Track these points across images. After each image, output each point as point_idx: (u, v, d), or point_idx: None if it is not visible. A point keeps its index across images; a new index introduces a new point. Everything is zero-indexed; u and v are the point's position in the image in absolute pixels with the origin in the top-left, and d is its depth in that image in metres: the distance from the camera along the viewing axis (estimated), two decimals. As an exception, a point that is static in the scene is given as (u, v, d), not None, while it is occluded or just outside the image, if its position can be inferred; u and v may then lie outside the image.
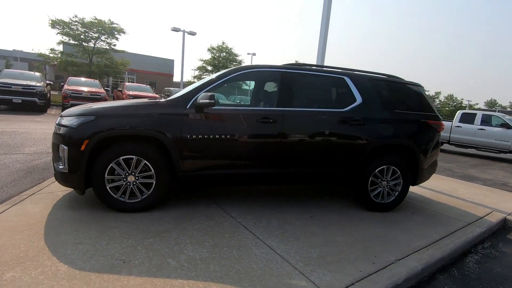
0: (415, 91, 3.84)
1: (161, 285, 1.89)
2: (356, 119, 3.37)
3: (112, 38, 21.90)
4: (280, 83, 3.27)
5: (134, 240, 2.41)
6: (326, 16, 6.96)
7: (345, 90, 3.48)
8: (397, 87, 3.80)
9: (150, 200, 2.96)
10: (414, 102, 3.81)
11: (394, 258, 2.53)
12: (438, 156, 3.98)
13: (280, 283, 2.03)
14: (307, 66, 3.60)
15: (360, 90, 3.49)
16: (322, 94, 3.56)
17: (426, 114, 3.76)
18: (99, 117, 2.82)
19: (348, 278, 2.17)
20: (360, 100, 3.47)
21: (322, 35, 7.09)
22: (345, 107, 3.41)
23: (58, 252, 2.15)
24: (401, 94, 3.82)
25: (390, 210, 3.68)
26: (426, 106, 3.83)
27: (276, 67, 3.36)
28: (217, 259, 2.25)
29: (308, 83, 3.45)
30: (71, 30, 20.37)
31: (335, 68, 3.58)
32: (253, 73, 3.34)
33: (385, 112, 3.54)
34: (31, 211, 2.80)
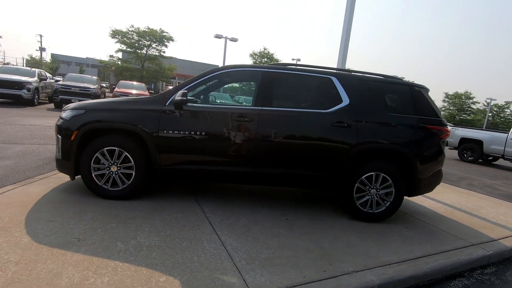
0: (415, 94, 3.50)
1: (97, 263, 2.04)
2: (339, 121, 3.20)
3: (162, 46, 23.79)
4: (259, 82, 3.27)
5: (99, 223, 2.63)
6: (348, 22, 6.73)
7: (331, 91, 3.33)
8: (393, 88, 3.51)
9: (129, 190, 3.18)
10: (413, 105, 3.47)
11: (351, 269, 2.35)
12: (442, 165, 3.56)
13: (210, 276, 2.04)
14: (293, 66, 3.53)
15: (348, 91, 3.31)
16: (305, 94, 3.46)
17: (426, 118, 3.40)
18: (87, 111, 3.14)
19: (285, 282, 2.08)
20: (347, 101, 3.29)
21: (343, 38, 6.86)
22: (329, 108, 3.27)
23: (30, 226, 2.44)
24: (398, 96, 3.53)
25: (379, 221, 3.39)
26: (427, 109, 3.46)
27: (258, 66, 3.37)
28: (163, 248, 2.35)
29: (290, 83, 3.39)
30: (128, 39, 22.63)
31: (323, 68, 3.45)
32: (234, 72, 3.40)
33: (376, 114, 3.30)
34: (32, 191, 3.22)
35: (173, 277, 1.99)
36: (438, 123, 3.42)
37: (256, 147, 3.17)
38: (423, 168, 3.34)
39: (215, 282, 1.99)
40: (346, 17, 6.77)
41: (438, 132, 3.39)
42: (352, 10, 6.75)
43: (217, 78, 3.39)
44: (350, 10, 6.73)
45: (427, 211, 4.10)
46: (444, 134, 3.42)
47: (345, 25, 6.79)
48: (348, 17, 6.73)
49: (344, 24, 6.83)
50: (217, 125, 3.17)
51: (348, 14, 6.73)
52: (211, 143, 3.15)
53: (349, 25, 6.76)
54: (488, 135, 10.90)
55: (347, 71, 3.50)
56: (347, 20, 6.74)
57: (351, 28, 6.81)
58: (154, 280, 1.94)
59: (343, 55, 6.89)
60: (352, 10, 6.78)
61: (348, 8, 6.74)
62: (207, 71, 3.35)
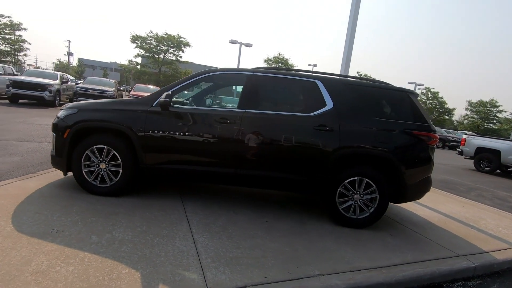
0: (403, 99, 3.44)
1: (68, 253, 2.16)
2: (322, 125, 3.20)
3: (179, 51, 24.48)
4: (244, 86, 3.33)
5: (82, 217, 2.76)
6: (352, 27, 6.70)
7: (315, 95, 3.34)
8: (380, 93, 3.47)
9: (116, 187, 3.31)
10: (400, 110, 3.41)
11: (318, 272, 2.34)
12: (430, 172, 3.46)
13: (172, 271, 2.10)
14: (279, 70, 3.57)
15: (332, 95, 3.31)
16: (289, 97, 3.49)
17: (413, 123, 3.32)
18: (80, 110, 3.32)
19: (245, 280, 2.11)
20: (331, 105, 3.28)
21: (347, 42, 6.83)
22: (313, 112, 3.28)
23: (17, 217, 2.61)
24: (385, 101, 3.47)
25: (363, 227, 3.34)
26: (415, 115, 3.39)
27: (244, 70, 3.44)
28: (135, 242, 2.43)
29: (275, 86, 3.43)
30: (146, 44, 23.48)
31: (309, 72, 3.47)
32: (221, 75, 3.48)
33: (360, 118, 3.27)
34: (28, 185, 3.42)
35: (136, 270, 2.07)
36: (425, 128, 3.33)
37: (237, 149, 3.23)
38: (409, 174, 3.26)
39: (174, 277, 2.05)
40: (350, 23, 6.75)
41: (426, 138, 3.30)
42: (356, 15, 6.73)
43: (205, 81, 3.48)
44: (354, 16, 6.71)
45: (419, 220, 3.98)
46: (432, 140, 3.33)
47: (349, 30, 6.77)
48: (352, 22, 6.71)
49: (348, 28, 6.81)
50: (200, 126, 3.25)
51: (352, 19, 6.71)
52: (194, 144, 3.24)
53: (353, 30, 6.73)
54: (507, 145, 10.37)
55: (333, 76, 3.50)
56: (350, 25, 6.73)
57: (355, 34, 6.78)
58: (116, 272, 2.02)
59: (347, 59, 6.86)
60: (356, 15, 6.76)
61: (352, 13, 6.72)
62: (194, 73, 3.46)
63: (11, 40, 21.68)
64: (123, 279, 1.96)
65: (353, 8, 6.68)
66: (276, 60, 29.58)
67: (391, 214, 4.02)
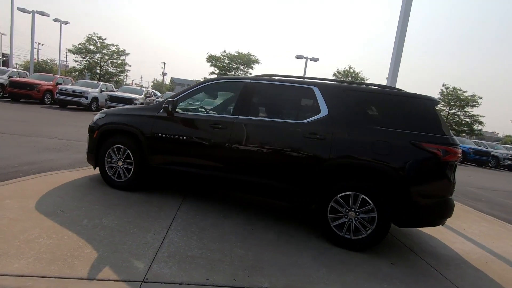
0: (415, 106, 2.96)
1: (56, 230, 2.57)
2: (313, 133, 3.02)
3: (248, 68, 25.93)
4: (240, 93, 3.41)
5: (88, 204, 3.23)
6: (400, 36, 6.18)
7: (310, 101, 3.18)
8: (387, 100, 3.06)
9: (129, 182, 3.75)
10: (411, 120, 2.93)
11: (267, 285, 2.20)
12: (448, 193, 2.83)
13: (125, 258, 2.29)
14: (276, 77, 3.51)
15: (329, 101, 3.10)
16: (284, 104, 3.39)
17: (422, 134, 2.81)
18: (107, 115, 3.92)
19: (183, 278, 2.14)
20: (325, 112, 3.07)
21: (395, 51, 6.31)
22: (305, 119, 3.12)
23: (43, 198, 3.22)
24: (392, 108, 3.04)
25: (358, 250, 2.95)
26: (430, 125, 2.86)
27: (242, 78, 3.53)
28: (114, 230, 2.73)
29: (270, 93, 3.39)
30: (220, 63, 25.67)
31: (308, 78, 3.33)
32: (222, 84, 3.64)
33: (358, 127, 2.96)
34: (71, 176, 4.16)
35: (97, 251, 2.33)
36: (440, 141, 2.78)
37: (228, 154, 3.30)
38: (415, 194, 2.76)
39: (123, 263, 2.22)
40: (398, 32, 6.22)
41: (440, 152, 2.75)
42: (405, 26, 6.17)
43: (207, 89, 3.70)
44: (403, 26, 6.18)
45: (448, 253, 3.28)
46: (449, 155, 2.76)
47: (397, 39, 6.24)
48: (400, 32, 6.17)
49: (396, 38, 6.28)
50: (196, 131, 3.46)
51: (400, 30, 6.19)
52: (191, 148, 3.45)
53: (401, 39, 6.18)
54: None
55: (334, 81, 3.27)
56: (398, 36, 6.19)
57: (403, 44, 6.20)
58: (80, 250, 2.31)
59: (394, 68, 6.30)
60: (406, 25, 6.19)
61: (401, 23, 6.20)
62: (198, 82, 3.72)
63: (117, 64, 26.87)
64: (81, 257, 2.23)
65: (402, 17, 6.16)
66: (346, 74, 28.37)
67: (408, 240, 3.43)
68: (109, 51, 26.35)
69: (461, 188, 8.55)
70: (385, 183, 2.85)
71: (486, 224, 4.66)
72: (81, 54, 25.92)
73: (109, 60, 26.59)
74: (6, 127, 7.70)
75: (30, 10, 20.63)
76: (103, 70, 26.57)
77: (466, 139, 23.00)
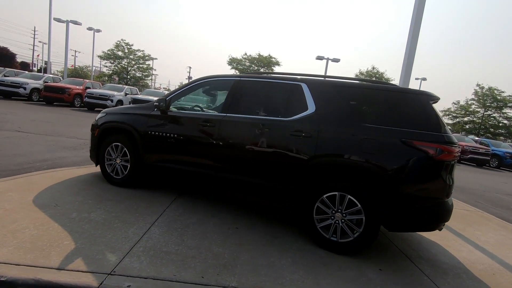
0: (409, 102, 2.76)
1: (44, 221, 2.69)
2: (298, 130, 2.92)
3: (269, 70, 25.94)
4: (229, 90, 3.39)
5: (83, 199, 3.36)
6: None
7: (298, 98, 3.08)
8: (378, 96, 2.88)
9: (125, 179, 3.86)
10: (404, 116, 2.73)
11: (234, 284, 2.14)
12: (443, 195, 2.60)
13: (100, 251, 2.34)
14: (266, 74, 3.45)
15: (316, 98, 2.98)
16: (272, 101, 3.30)
17: (414, 132, 2.61)
18: (107, 114, 4.07)
19: (151, 273, 2.15)
20: (313, 109, 2.96)
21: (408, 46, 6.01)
22: (292, 116, 3.03)
23: (43, 192, 3.40)
24: (385, 105, 2.86)
25: (346, 254, 2.79)
26: (424, 122, 2.65)
27: (233, 76, 3.50)
28: (98, 223, 2.81)
29: (259, 90, 3.33)
30: (241, 65, 25.94)
31: (297, 74, 3.24)
32: (213, 82, 3.63)
33: (346, 124, 2.81)
34: (76, 172, 4.37)
35: (75, 243, 2.41)
36: (433, 138, 2.56)
37: (216, 152, 3.28)
38: (403, 195, 2.57)
39: (96, 255, 2.27)
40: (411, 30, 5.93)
41: (432, 151, 2.54)
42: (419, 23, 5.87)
43: (199, 87, 3.72)
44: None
45: (450, 261, 3.01)
46: (443, 154, 2.53)
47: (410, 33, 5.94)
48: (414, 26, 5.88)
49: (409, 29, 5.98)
50: (187, 129, 3.48)
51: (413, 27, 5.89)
52: (182, 146, 3.48)
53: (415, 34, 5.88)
54: None
55: (323, 77, 3.14)
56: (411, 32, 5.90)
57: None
58: (59, 241, 2.40)
59: (407, 65, 6.01)
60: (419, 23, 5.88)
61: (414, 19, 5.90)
62: (191, 81, 3.75)
63: (142, 68, 28.16)
64: (59, 248, 2.31)
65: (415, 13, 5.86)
66: (369, 74, 27.41)
67: (407, 246, 3.20)
68: (135, 56, 27.65)
69: (489, 194, 7.91)
70: (373, 184, 2.69)
71: (505, 233, 4.25)
72: (110, 60, 27.47)
73: (135, 65, 27.92)
74: (34, 127, 8.29)
75: (64, 20, 22.16)
76: (130, 74, 27.93)
77: (503, 142, 21.24)
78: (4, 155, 5.07)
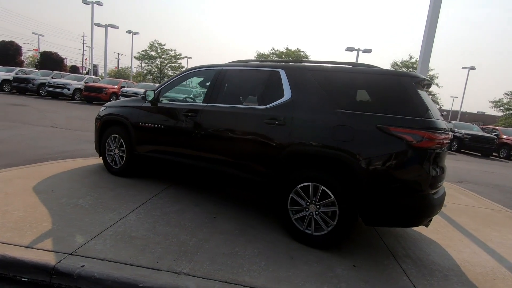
0: (393, 86, 2.49)
1: (34, 205, 2.91)
2: (273, 118, 2.81)
3: (297, 63, 25.42)
4: (212, 80, 3.37)
5: (79, 186, 3.59)
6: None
7: (276, 85, 2.95)
8: (358, 79, 2.65)
9: (122, 168, 4.05)
10: (384, 101, 2.48)
11: (186, 271, 2.14)
12: (426, 188, 2.30)
13: (72, 232, 2.47)
14: (248, 62, 3.35)
15: (293, 84, 2.84)
16: (251, 89, 3.20)
17: (391, 117, 2.35)
18: (107, 107, 4.29)
19: (109, 255, 2.22)
20: (288, 96, 2.83)
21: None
22: (268, 104, 2.92)
23: (45, 180, 3.69)
24: (364, 89, 2.62)
25: (321, 248, 2.64)
26: (406, 106, 2.37)
27: (216, 65, 3.46)
28: (83, 207, 2.98)
29: (239, 79, 3.26)
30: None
31: (276, 61, 3.10)
32: (200, 72, 3.63)
33: (319, 111, 2.64)
34: (84, 163, 4.68)
35: (52, 225, 2.58)
36: (411, 124, 2.29)
37: (197, 143, 3.29)
38: (378, 186, 2.34)
39: (67, 236, 2.41)
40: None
41: (411, 138, 2.27)
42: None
43: (187, 78, 3.75)
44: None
45: (443, 262, 2.70)
46: (424, 141, 2.25)
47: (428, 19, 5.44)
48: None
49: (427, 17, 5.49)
50: (172, 120, 3.54)
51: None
52: (168, 136, 3.55)
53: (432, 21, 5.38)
54: None
55: (303, 62, 2.97)
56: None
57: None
58: (39, 222, 2.59)
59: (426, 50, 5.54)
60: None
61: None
62: (179, 72, 3.80)
63: (174, 67, 29.33)
64: (36, 228, 2.49)
65: None
66: (406, 65, 25.48)
67: (398, 243, 2.94)
68: (167, 55, 28.88)
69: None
70: (347, 174, 2.49)
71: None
72: (144, 60, 29.04)
73: (168, 64, 29.17)
74: (67, 123, 9.05)
75: (103, 24, 23.81)
76: (163, 73, 29.28)
77: None
78: (32, 147, 5.61)
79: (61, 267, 2.04)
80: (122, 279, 1.99)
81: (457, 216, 4.09)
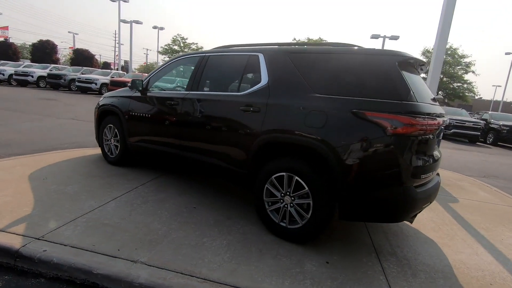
0: (374, 66, 2.23)
1: (23, 191, 3.04)
2: (248, 105, 2.66)
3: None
4: (194, 67, 3.27)
5: (74, 174, 3.70)
6: None
7: (255, 70, 2.80)
8: (338, 60, 2.40)
9: (117, 158, 4.13)
10: (364, 83, 2.23)
11: (144, 260, 2.10)
12: (406, 178, 2.05)
13: (47, 218, 2.54)
14: (230, 47, 3.19)
15: (271, 68, 2.67)
16: (231, 76, 3.06)
17: (367, 100, 2.10)
18: (104, 97, 4.37)
19: (74, 241, 2.24)
20: (265, 81, 2.66)
21: None
22: (245, 90, 2.78)
23: (44, 168, 3.85)
24: (343, 70, 2.37)
25: (296, 242, 2.49)
26: (386, 88, 2.11)
27: (200, 52, 3.36)
28: (68, 194, 3.06)
29: (220, 65, 3.12)
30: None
31: (256, 45, 2.93)
32: (185, 60, 3.55)
33: (292, 95, 2.45)
34: (87, 152, 4.84)
35: (32, 209, 2.67)
36: (389, 108, 2.03)
37: (180, 131, 3.24)
38: (351, 177, 2.13)
39: (41, 221, 2.47)
40: None
41: (388, 124, 2.02)
42: None
43: (174, 66, 3.69)
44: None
45: (434, 263, 2.43)
46: (402, 127, 2.00)
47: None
48: None
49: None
50: (158, 109, 3.51)
51: None
52: (155, 126, 3.54)
53: None
54: None
55: (280, 45, 2.77)
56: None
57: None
58: (21, 207, 2.69)
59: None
60: None
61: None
62: (167, 60, 3.75)
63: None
64: (15, 213, 2.59)
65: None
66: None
67: (386, 240, 2.70)
68: (189, 49, 29.26)
69: None
70: (320, 163, 2.30)
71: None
72: (167, 54, 29.68)
73: (190, 58, 29.67)
74: (87, 116, 9.47)
75: (128, 21, 24.60)
76: (186, 67, 29.81)
77: None
78: (45, 138, 5.92)
79: (24, 251, 2.09)
80: (77, 265, 2.00)
81: (468, 213, 3.70)
